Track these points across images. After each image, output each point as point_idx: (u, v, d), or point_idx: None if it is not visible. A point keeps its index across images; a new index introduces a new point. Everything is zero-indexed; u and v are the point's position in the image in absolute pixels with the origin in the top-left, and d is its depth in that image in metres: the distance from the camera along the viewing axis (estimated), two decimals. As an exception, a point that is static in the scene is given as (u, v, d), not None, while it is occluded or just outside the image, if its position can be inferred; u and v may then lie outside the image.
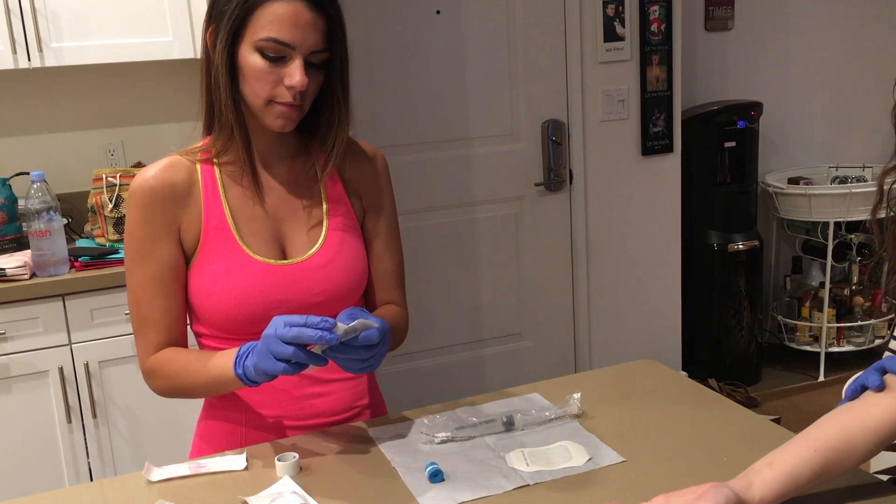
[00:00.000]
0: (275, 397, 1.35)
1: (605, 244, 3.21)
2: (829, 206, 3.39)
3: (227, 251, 1.30)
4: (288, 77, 1.22)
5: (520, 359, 3.23)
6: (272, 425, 1.36)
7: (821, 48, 3.70)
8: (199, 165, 1.32)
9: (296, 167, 1.37)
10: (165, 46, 2.51)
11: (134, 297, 1.32)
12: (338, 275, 1.34)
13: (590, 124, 3.09)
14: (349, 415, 1.41)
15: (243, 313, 1.28)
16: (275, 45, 1.21)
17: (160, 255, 1.29)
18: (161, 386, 1.33)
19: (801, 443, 1.02)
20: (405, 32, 2.89)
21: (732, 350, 3.55)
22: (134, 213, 1.29)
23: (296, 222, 1.35)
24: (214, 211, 1.30)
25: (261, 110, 1.26)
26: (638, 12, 3.04)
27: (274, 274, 1.30)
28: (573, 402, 1.34)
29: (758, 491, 0.98)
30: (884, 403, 1.02)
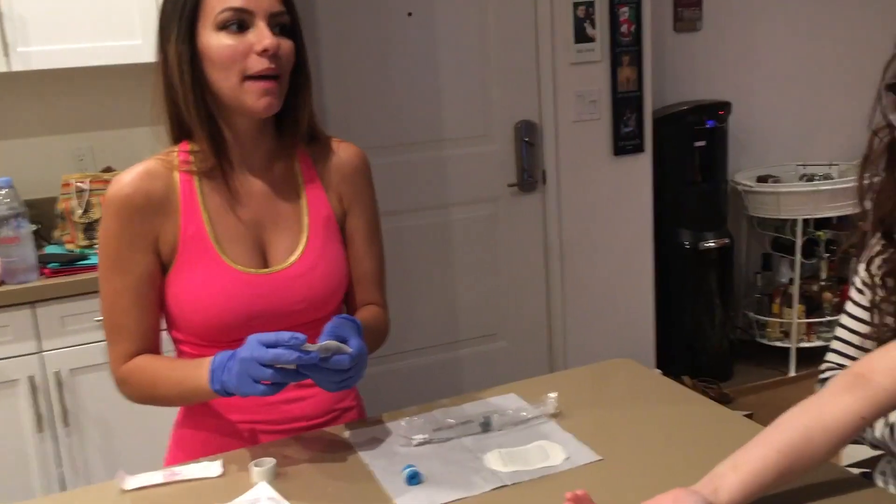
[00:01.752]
0: (252, 403, 1.34)
1: (579, 243, 3.23)
2: (798, 204, 3.44)
3: (206, 261, 1.28)
4: (257, 43, 1.21)
5: (496, 359, 3.23)
6: (249, 431, 1.35)
7: (787, 48, 3.75)
8: (177, 173, 1.30)
9: (276, 172, 1.36)
10: (134, 50, 2.48)
11: (108, 305, 1.30)
12: (319, 282, 1.33)
13: (562, 125, 3.11)
14: (328, 419, 1.40)
15: (223, 323, 1.27)
16: (233, 13, 1.21)
17: (136, 266, 1.28)
18: (133, 394, 1.32)
19: (763, 444, 1.03)
20: (377, 35, 2.89)
21: (705, 347, 3.59)
22: (110, 223, 1.27)
23: (277, 229, 1.34)
24: (192, 220, 1.29)
25: (237, 93, 1.23)
26: (608, 14, 3.06)
27: (254, 283, 1.29)
28: (550, 402, 1.34)
29: (725, 495, 0.99)
30: (843, 402, 1.03)
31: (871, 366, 1.05)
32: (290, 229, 1.34)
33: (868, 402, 1.02)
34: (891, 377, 1.02)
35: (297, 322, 1.30)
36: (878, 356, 1.06)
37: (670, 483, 0.99)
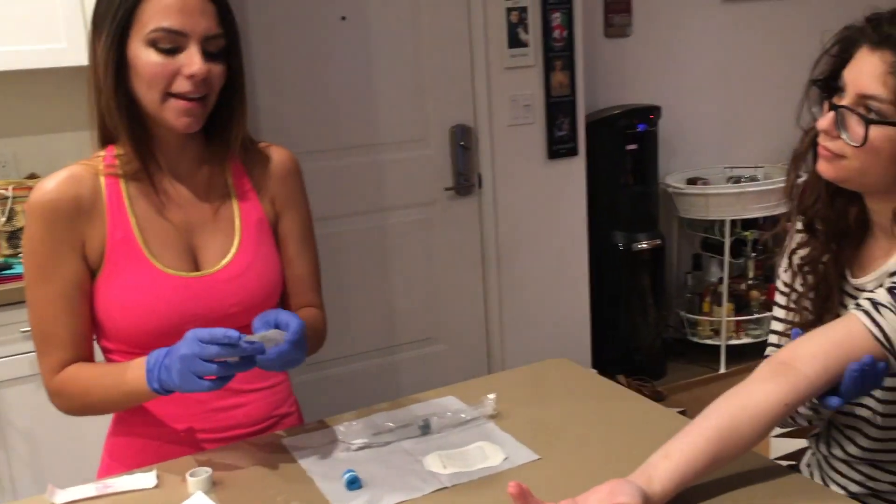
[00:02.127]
0: (189, 411, 1.32)
1: (515, 246, 3.26)
2: (725, 205, 3.53)
3: (136, 265, 1.26)
4: (186, 66, 1.18)
5: (434, 363, 3.24)
6: (186, 439, 1.33)
7: (715, 54, 3.86)
8: (103, 178, 1.27)
9: (205, 176, 1.34)
10: (59, 53, 2.41)
11: (37, 315, 1.26)
12: (252, 284, 1.31)
13: (497, 129, 3.13)
14: (267, 425, 1.39)
15: (155, 328, 1.24)
16: (166, 34, 1.17)
17: (64, 273, 1.24)
18: (68, 405, 1.28)
19: (693, 432, 1.06)
20: (311, 39, 2.87)
21: (639, 346, 3.65)
22: (35, 230, 1.24)
23: (207, 232, 1.32)
24: (120, 224, 1.26)
25: (158, 110, 1.21)
26: (541, 19, 3.10)
27: (186, 287, 1.27)
28: (488, 404, 1.35)
29: (658, 483, 1.01)
30: (767, 389, 1.07)
31: (793, 353, 1.09)
32: (222, 232, 1.32)
33: (791, 388, 1.06)
34: (811, 364, 1.06)
35: (232, 326, 1.27)
36: (800, 344, 1.10)
37: (607, 478, 1.01)
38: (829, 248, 1.24)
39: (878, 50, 1.08)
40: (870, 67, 1.08)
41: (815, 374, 1.06)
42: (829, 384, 1.07)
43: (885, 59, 1.07)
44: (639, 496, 0.98)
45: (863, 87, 1.09)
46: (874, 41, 1.09)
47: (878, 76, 1.07)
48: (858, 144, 1.09)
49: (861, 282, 1.22)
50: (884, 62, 1.07)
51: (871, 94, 1.08)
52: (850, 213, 1.23)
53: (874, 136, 1.08)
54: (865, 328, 1.06)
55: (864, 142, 1.08)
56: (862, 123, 1.08)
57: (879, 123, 1.08)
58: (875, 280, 1.19)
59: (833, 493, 1.22)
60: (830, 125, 1.12)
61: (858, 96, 1.10)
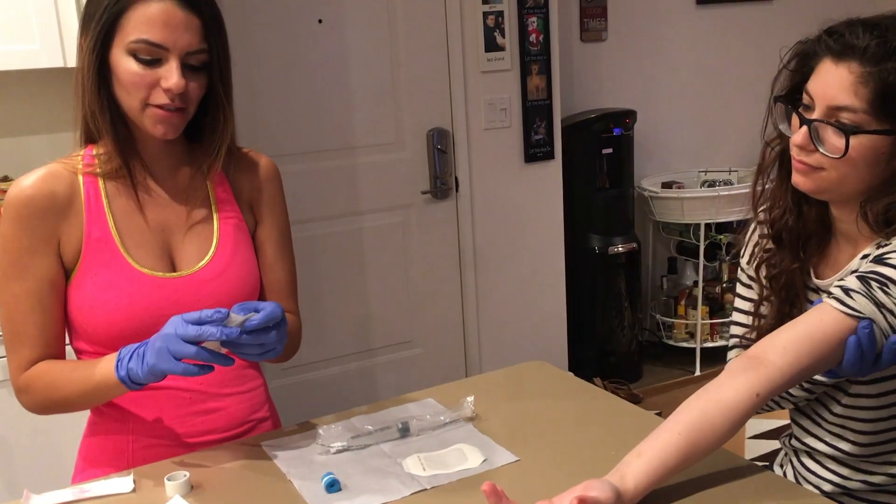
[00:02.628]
0: (167, 414, 1.31)
1: (492, 250, 3.26)
2: (700, 209, 3.57)
3: (112, 264, 1.25)
4: (164, 79, 1.19)
5: (411, 366, 3.24)
6: (163, 443, 1.32)
7: (689, 59, 3.90)
8: (82, 176, 1.27)
9: (184, 177, 1.34)
10: (32, 55, 2.39)
11: (7, 311, 1.25)
12: (230, 286, 1.31)
13: (474, 132, 3.14)
14: (245, 429, 1.38)
15: (130, 328, 1.24)
16: (147, 46, 1.18)
17: (38, 269, 1.24)
18: (35, 401, 1.27)
19: (665, 428, 1.07)
20: (287, 41, 2.86)
21: (615, 349, 3.68)
22: (10, 225, 1.23)
23: (184, 233, 1.31)
24: (97, 223, 1.26)
25: (138, 115, 1.22)
26: (517, 23, 3.12)
27: (163, 287, 1.27)
28: (467, 406, 1.36)
29: (631, 480, 1.03)
30: (737, 383, 1.08)
31: (763, 347, 1.11)
32: (200, 235, 1.32)
33: (762, 379, 1.07)
34: (781, 355, 1.08)
35: None
36: (769, 339, 1.12)
37: (585, 479, 1.02)
38: (798, 257, 1.26)
39: (843, 61, 1.10)
40: (837, 80, 1.10)
41: (787, 365, 1.07)
42: (802, 374, 1.09)
43: (851, 69, 1.09)
44: (610, 491, 0.99)
45: (833, 99, 1.10)
46: (836, 53, 1.11)
47: (848, 87, 1.09)
48: (839, 156, 1.10)
49: (825, 283, 1.24)
50: (851, 73, 1.09)
51: (843, 105, 1.09)
52: (813, 218, 1.26)
53: (852, 146, 1.09)
54: (837, 312, 1.07)
55: (845, 153, 1.10)
56: (841, 135, 1.10)
57: (858, 133, 1.09)
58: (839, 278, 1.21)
59: (807, 491, 1.23)
60: (805, 140, 1.13)
61: (830, 108, 1.11)
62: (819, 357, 1.08)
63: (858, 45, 1.09)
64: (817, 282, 1.25)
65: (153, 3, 1.18)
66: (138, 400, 1.28)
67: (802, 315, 1.13)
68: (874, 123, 1.08)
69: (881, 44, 1.07)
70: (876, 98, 1.07)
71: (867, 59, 1.08)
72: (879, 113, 1.08)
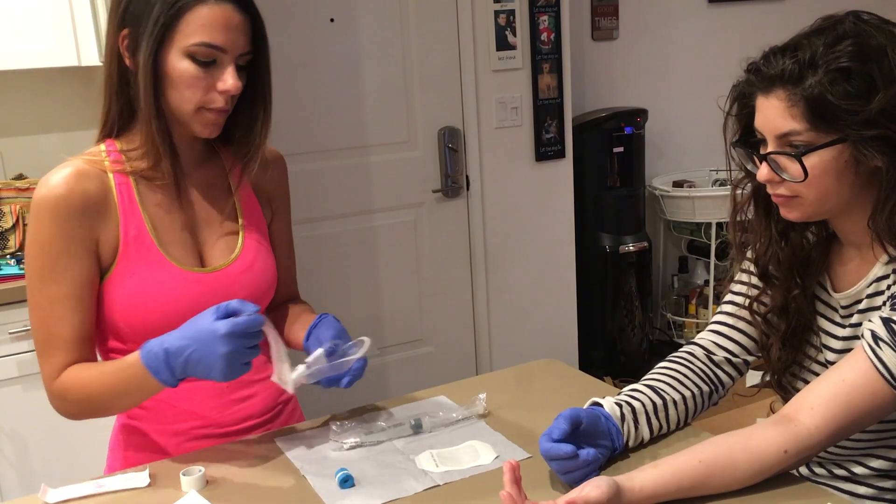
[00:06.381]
0: (205, 405, 1.33)
1: (503, 248, 3.27)
2: (711, 208, 3.56)
3: (150, 263, 1.25)
4: (221, 82, 1.20)
5: (422, 364, 3.24)
6: (202, 434, 1.34)
7: (701, 57, 3.89)
8: (111, 174, 1.26)
9: (208, 174, 1.35)
10: (45, 53, 2.40)
11: (41, 316, 1.23)
12: (258, 279, 1.34)
13: (485, 131, 3.15)
14: (275, 412, 1.42)
15: (167, 324, 1.22)
16: (207, 49, 1.19)
17: (75, 272, 1.22)
18: (72, 409, 1.26)
19: (688, 452, 1.09)
20: (299, 41, 2.87)
21: (626, 348, 3.67)
22: (44, 227, 1.21)
23: (212, 229, 1.33)
24: (133, 221, 1.26)
25: (189, 117, 1.23)
26: (528, 22, 3.12)
27: (199, 282, 1.28)
28: (479, 403, 1.37)
29: (637, 482, 1.04)
30: (769, 434, 1.09)
31: (795, 406, 1.11)
32: (226, 230, 1.34)
33: (791, 437, 1.08)
34: (810, 416, 1.09)
35: None
36: (801, 395, 1.12)
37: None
38: (795, 285, 1.26)
39: (770, 92, 1.12)
40: (772, 111, 1.12)
41: (816, 426, 1.08)
42: (834, 436, 1.09)
43: (779, 97, 1.11)
44: (608, 487, 1.00)
45: (777, 129, 1.12)
46: (763, 88, 1.13)
47: (784, 113, 1.11)
48: (802, 179, 1.12)
49: (841, 296, 1.23)
50: (780, 100, 1.11)
51: (788, 132, 1.11)
52: (807, 241, 1.26)
53: (811, 165, 1.11)
54: (870, 365, 1.07)
55: (805, 175, 1.11)
56: (794, 160, 1.11)
57: (808, 153, 1.10)
58: (854, 295, 1.21)
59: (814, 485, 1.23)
60: (769, 174, 1.15)
61: (778, 138, 1.13)
62: (851, 419, 1.08)
63: (776, 72, 1.11)
64: (836, 296, 1.25)
65: (213, 6, 1.18)
66: (176, 392, 1.27)
67: (836, 366, 1.12)
68: (821, 138, 1.10)
69: (795, 63, 1.09)
70: (810, 114, 1.09)
71: (788, 83, 1.10)
72: (820, 127, 1.09)
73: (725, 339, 1.36)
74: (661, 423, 1.25)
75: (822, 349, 1.26)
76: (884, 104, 1.06)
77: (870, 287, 1.18)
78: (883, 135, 1.07)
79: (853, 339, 1.20)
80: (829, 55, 1.08)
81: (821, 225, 1.26)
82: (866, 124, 1.06)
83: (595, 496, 0.99)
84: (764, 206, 1.25)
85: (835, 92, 1.07)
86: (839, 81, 1.07)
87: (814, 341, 1.28)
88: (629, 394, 1.26)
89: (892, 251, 1.14)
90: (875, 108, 1.06)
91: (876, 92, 1.06)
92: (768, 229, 1.26)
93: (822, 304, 1.27)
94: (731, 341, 1.35)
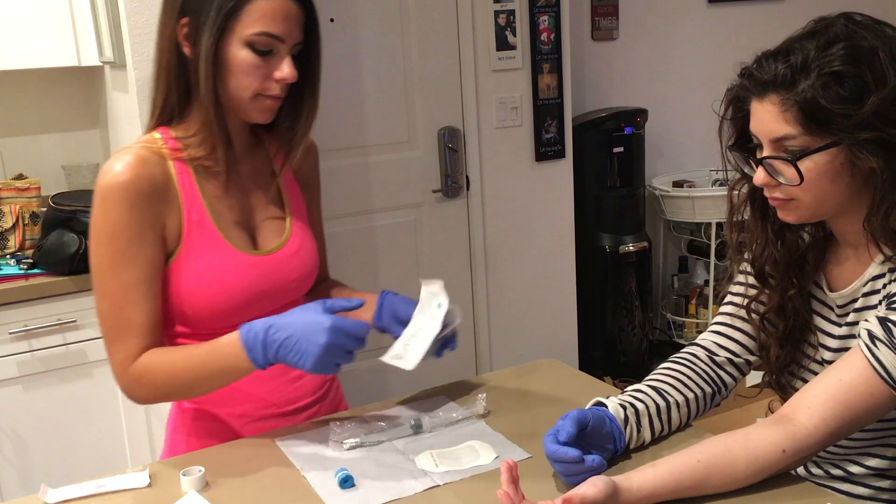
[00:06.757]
0: (261, 386, 1.36)
1: (503, 248, 3.27)
2: (711, 208, 3.56)
3: (212, 247, 1.29)
4: (278, 71, 1.25)
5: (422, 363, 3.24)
6: (260, 415, 1.37)
7: (701, 57, 3.88)
8: (171, 161, 1.28)
9: (255, 160, 1.40)
10: (45, 54, 2.41)
11: (113, 302, 1.24)
12: (306, 261, 1.40)
13: (485, 131, 3.15)
14: (323, 392, 1.45)
15: (230, 307, 1.28)
16: (267, 39, 1.23)
17: (147, 256, 1.24)
18: (148, 393, 1.27)
19: (686, 452, 1.09)
20: (299, 40, 2.87)
21: (626, 348, 3.67)
22: (114, 213, 1.22)
23: (262, 214, 1.38)
24: (194, 206, 1.29)
25: (246, 104, 1.27)
26: (528, 22, 3.12)
27: (257, 265, 1.33)
28: (479, 403, 1.37)
29: (635, 482, 1.04)
30: (767, 434, 1.09)
31: (794, 406, 1.11)
32: (275, 214, 1.39)
33: (789, 437, 1.08)
34: (808, 416, 1.09)
35: (288, 300, 1.37)
36: (799, 395, 1.12)
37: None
38: (791, 285, 1.26)
39: (764, 97, 1.12)
40: (766, 115, 1.12)
41: (814, 426, 1.08)
42: (832, 436, 1.09)
43: (773, 102, 1.11)
44: (604, 486, 1.00)
45: (772, 133, 1.12)
46: (756, 92, 1.13)
47: (778, 118, 1.11)
48: (798, 183, 1.12)
49: (837, 295, 1.23)
50: (773, 105, 1.11)
51: (783, 136, 1.11)
52: (803, 241, 1.27)
53: (807, 169, 1.11)
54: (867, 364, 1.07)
55: (801, 179, 1.11)
56: (789, 164, 1.12)
57: (803, 157, 1.11)
58: (850, 294, 1.21)
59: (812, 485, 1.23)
60: (766, 178, 1.16)
61: (773, 142, 1.13)
62: (849, 419, 1.08)
63: (769, 77, 1.11)
64: (832, 295, 1.25)
65: None
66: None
67: (833, 367, 1.12)
68: (815, 142, 1.10)
69: (788, 68, 1.09)
70: (804, 118, 1.09)
71: (782, 87, 1.10)
72: (814, 131, 1.09)
73: (727, 339, 1.36)
74: (664, 426, 1.25)
75: (820, 348, 1.26)
76: (876, 106, 1.06)
77: (866, 286, 1.18)
78: (877, 137, 1.07)
79: (849, 339, 1.20)
80: (821, 59, 1.08)
81: (817, 225, 1.26)
82: (860, 127, 1.07)
83: (592, 495, 0.99)
84: (760, 207, 1.26)
85: (827, 96, 1.07)
86: (831, 85, 1.07)
87: (811, 340, 1.28)
88: (632, 395, 1.26)
89: (887, 251, 1.14)
90: (868, 110, 1.06)
91: (868, 95, 1.06)
92: (764, 230, 1.27)
93: (819, 304, 1.27)
94: (732, 342, 1.35)
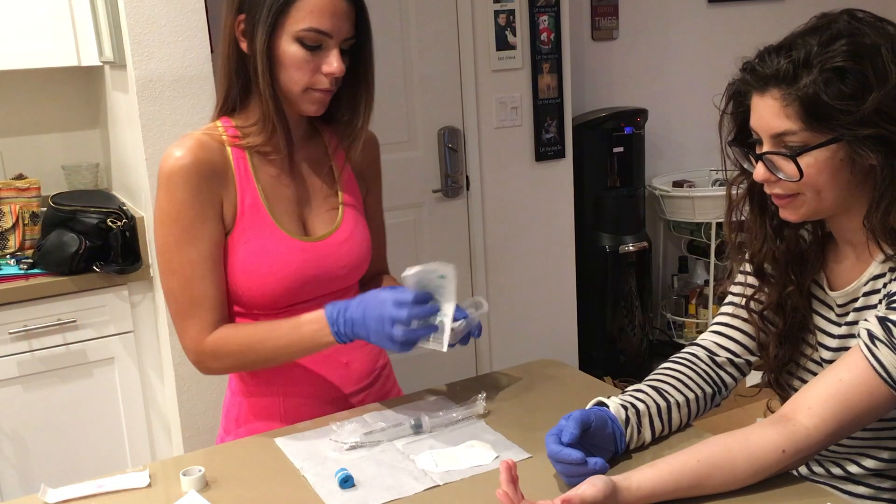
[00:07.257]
0: (310, 373, 1.40)
1: (503, 248, 3.27)
2: (711, 208, 3.56)
3: (264, 231, 1.34)
4: (326, 65, 1.29)
5: (421, 364, 3.23)
6: (310, 402, 1.41)
7: (701, 57, 3.88)
8: (229, 148, 1.34)
9: (312, 150, 1.44)
10: (45, 53, 2.41)
11: (183, 279, 1.31)
12: (357, 248, 1.43)
13: (485, 131, 3.15)
14: (372, 379, 1.48)
15: (281, 290, 1.33)
16: (315, 34, 1.27)
17: (210, 233, 1.31)
18: (225, 365, 1.35)
19: (685, 452, 1.09)
20: (299, 40, 2.87)
21: (626, 348, 3.67)
22: (177, 194, 1.30)
23: (315, 201, 1.42)
24: (249, 191, 1.34)
25: (297, 97, 1.32)
26: (528, 22, 3.12)
27: (307, 250, 1.36)
28: (479, 403, 1.37)
29: (635, 481, 1.04)
30: (767, 434, 1.09)
31: (793, 405, 1.11)
32: (327, 202, 1.43)
33: (789, 437, 1.08)
34: (808, 416, 1.09)
35: (338, 287, 1.41)
36: (799, 395, 1.12)
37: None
38: (790, 282, 1.26)
39: (766, 91, 1.12)
40: (767, 111, 1.12)
41: (814, 426, 1.08)
42: (832, 436, 1.09)
43: (774, 97, 1.11)
44: (603, 486, 1.00)
45: (772, 129, 1.12)
46: (758, 87, 1.13)
47: (778, 113, 1.10)
48: (797, 179, 1.12)
49: (837, 294, 1.23)
50: (775, 100, 1.11)
51: (783, 131, 1.11)
52: (803, 239, 1.26)
53: (807, 165, 1.11)
54: (867, 364, 1.07)
55: (800, 175, 1.11)
56: (789, 160, 1.11)
57: (803, 153, 1.10)
58: (850, 293, 1.21)
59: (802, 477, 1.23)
60: (766, 174, 1.15)
61: (773, 138, 1.13)
62: (849, 419, 1.08)
63: (771, 71, 1.11)
64: (833, 294, 1.25)
65: None
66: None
67: (833, 366, 1.12)
68: (816, 138, 1.10)
69: (790, 63, 1.09)
70: (805, 114, 1.09)
71: (784, 82, 1.10)
72: (815, 127, 1.09)
73: (727, 339, 1.36)
74: (664, 426, 1.25)
75: (819, 347, 1.26)
76: (878, 103, 1.06)
77: (866, 285, 1.18)
78: (877, 134, 1.07)
79: (849, 338, 1.20)
80: (823, 55, 1.08)
81: (816, 223, 1.26)
82: (861, 124, 1.07)
83: (591, 495, 0.99)
84: (759, 203, 1.26)
85: (829, 92, 1.07)
86: (833, 81, 1.07)
87: (810, 340, 1.28)
88: (633, 395, 1.26)
89: (887, 249, 1.14)
90: (869, 107, 1.06)
91: (870, 91, 1.06)
92: (763, 226, 1.27)
93: (818, 303, 1.27)
94: (733, 342, 1.35)
